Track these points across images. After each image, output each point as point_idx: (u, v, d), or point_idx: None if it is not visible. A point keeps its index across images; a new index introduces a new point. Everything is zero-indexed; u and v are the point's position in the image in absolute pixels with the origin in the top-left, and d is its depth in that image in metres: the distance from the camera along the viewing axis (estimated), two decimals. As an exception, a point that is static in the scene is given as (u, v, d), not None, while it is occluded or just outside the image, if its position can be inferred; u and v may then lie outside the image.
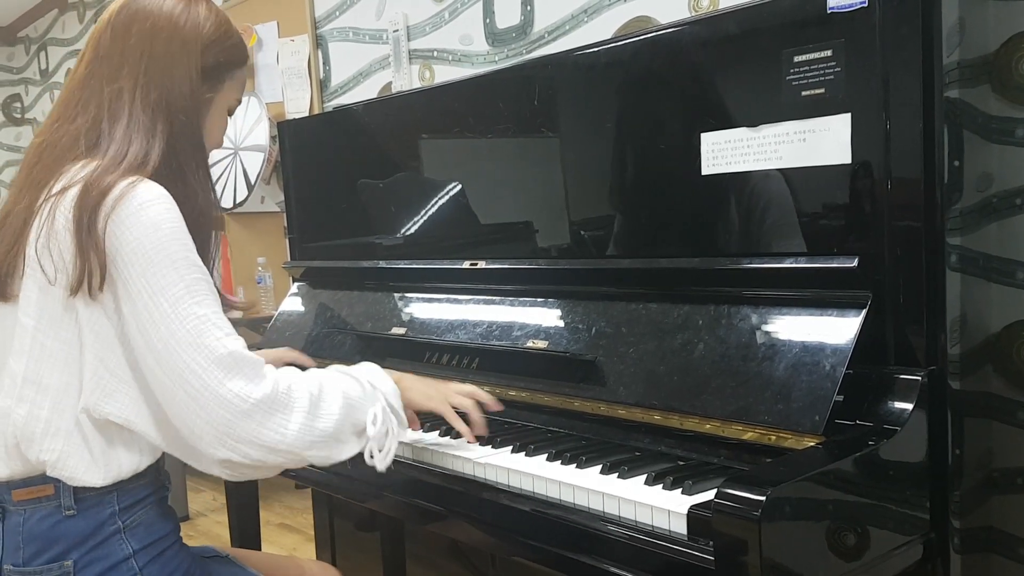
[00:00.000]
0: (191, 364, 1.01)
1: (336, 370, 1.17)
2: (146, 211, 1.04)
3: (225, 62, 1.19)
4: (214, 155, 3.36)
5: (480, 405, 1.28)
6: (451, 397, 1.26)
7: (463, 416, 1.26)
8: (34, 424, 1.07)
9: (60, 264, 1.05)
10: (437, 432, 1.36)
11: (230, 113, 1.25)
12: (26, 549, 1.09)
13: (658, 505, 1.00)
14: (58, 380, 1.07)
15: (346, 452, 1.11)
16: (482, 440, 1.29)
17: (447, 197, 1.72)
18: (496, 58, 2.43)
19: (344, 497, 1.38)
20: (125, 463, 1.10)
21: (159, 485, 1.17)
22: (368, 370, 1.19)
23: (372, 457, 1.13)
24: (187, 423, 1.03)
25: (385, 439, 1.13)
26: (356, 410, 1.11)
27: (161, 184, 1.09)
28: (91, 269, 1.02)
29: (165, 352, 1.02)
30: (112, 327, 1.06)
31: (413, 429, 1.31)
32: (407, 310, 1.71)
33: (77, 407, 1.07)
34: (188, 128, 1.15)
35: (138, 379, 1.07)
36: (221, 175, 3.33)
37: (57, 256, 1.05)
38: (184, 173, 1.14)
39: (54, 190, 1.07)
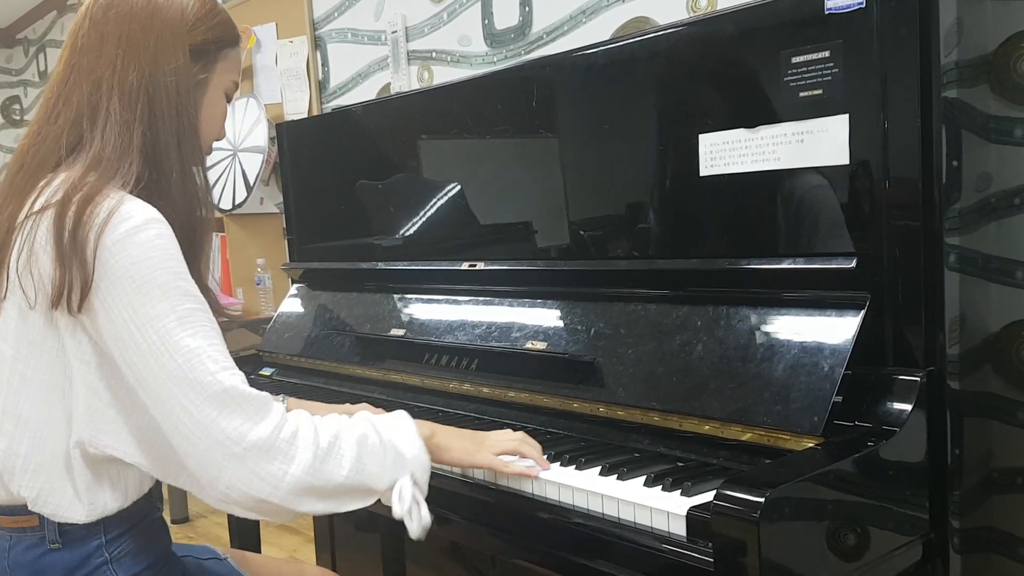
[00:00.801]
0: (183, 402, 0.94)
1: (366, 421, 1.05)
2: (136, 236, 0.97)
3: (215, 40, 1.13)
4: (212, 157, 3.37)
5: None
6: (495, 448, 1.16)
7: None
8: (13, 459, 1.03)
9: (40, 284, 0.99)
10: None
11: (228, 99, 1.19)
12: None
13: (657, 506, 1.00)
14: (38, 413, 1.02)
15: (344, 508, 1.02)
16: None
17: (446, 198, 1.72)
18: (495, 59, 2.43)
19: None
20: (111, 501, 1.05)
21: (150, 509, 1.13)
22: (398, 430, 1.06)
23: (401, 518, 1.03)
24: (187, 461, 0.98)
25: (412, 511, 1.03)
26: (367, 476, 1.01)
27: (144, 184, 1.04)
28: (71, 281, 0.96)
29: (156, 388, 0.96)
30: (95, 355, 1.01)
31: None
32: (406, 311, 1.71)
33: (63, 441, 1.02)
34: (175, 110, 1.08)
35: (124, 410, 1.02)
36: (220, 176, 3.33)
37: (37, 277, 0.99)
38: (164, 164, 1.06)
39: (35, 207, 1.02)
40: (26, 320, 1.02)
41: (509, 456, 1.17)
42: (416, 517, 1.02)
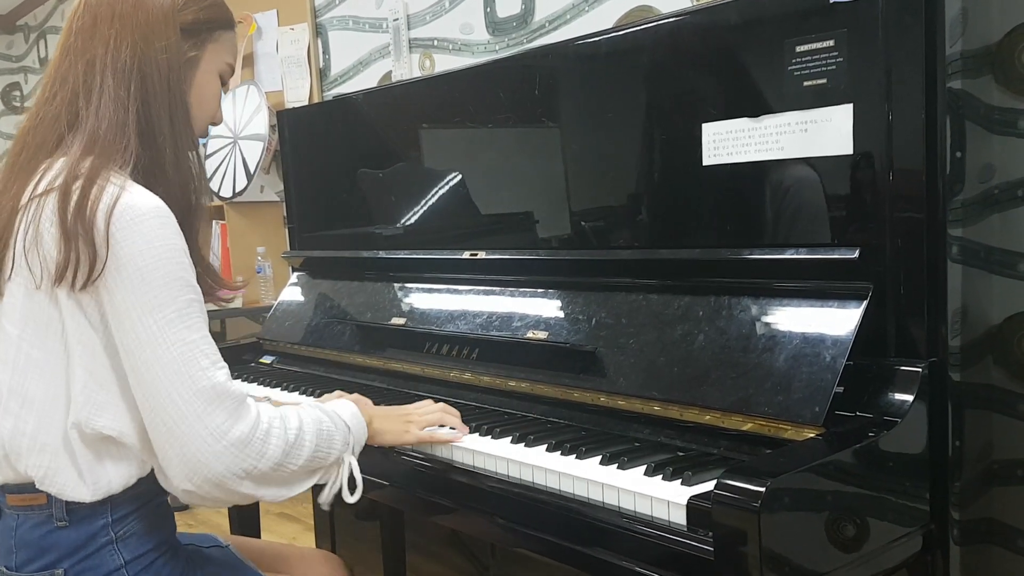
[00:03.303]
0: (172, 393, 0.98)
1: (315, 407, 1.15)
2: (140, 225, 0.99)
3: (206, 20, 1.15)
4: (213, 144, 3.36)
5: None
6: (420, 422, 1.27)
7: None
8: (20, 439, 1.04)
9: (45, 265, 1.01)
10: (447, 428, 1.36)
11: (224, 82, 1.21)
12: (19, 554, 1.08)
13: (657, 496, 1.00)
14: (44, 393, 1.04)
15: (294, 492, 1.11)
16: (482, 431, 1.29)
17: (447, 187, 1.71)
18: (496, 47, 2.42)
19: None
20: (115, 480, 1.06)
21: (156, 491, 1.13)
22: (344, 410, 1.18)
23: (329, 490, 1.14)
24: (160, 449, 1.02)
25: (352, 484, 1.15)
26: (320, 460, 1.11)
27: (142, 166, 1.06)
28: (77, 259, 0.98)
29: (148, 376, 0.99)
30: (98, 337, 1.03)
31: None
32: (407, 300, 1.71)
33: (65, 421, 1.04)
34: (167, 87, 1.10)
35: (124, 391, 1.04)
36: (220, 164, 3.33)
37: (42, 257, 1.01)
38: (157, 141, 1.09)
39: (38, 189, 1.04)
40: (32, 300, 1.04)
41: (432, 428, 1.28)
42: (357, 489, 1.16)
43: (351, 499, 1.14)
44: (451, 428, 1.28)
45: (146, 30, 1.10)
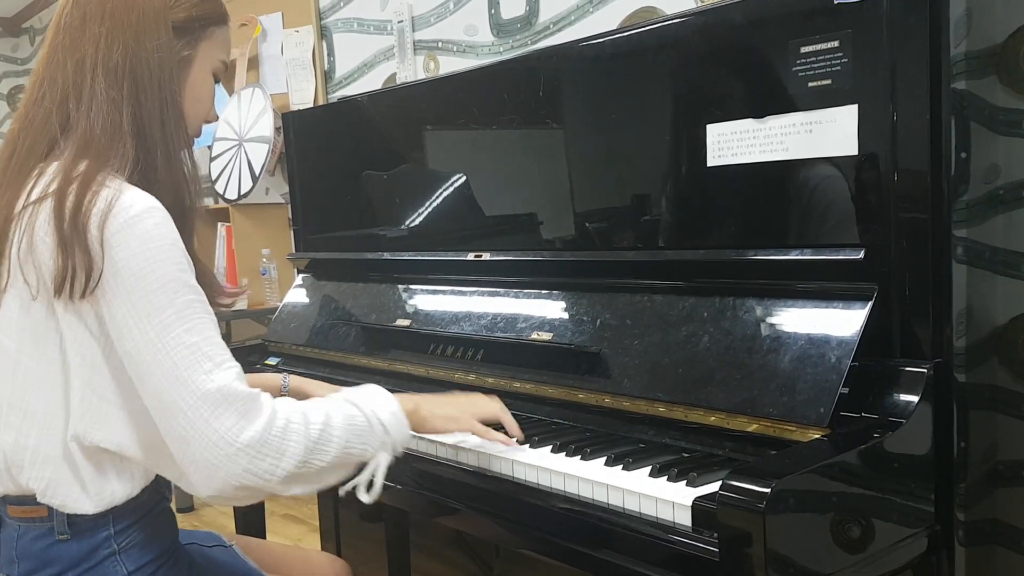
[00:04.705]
0: (177, 401, 0.94)
1: (348, 402, 1.07)
2: (135, 227, 0.96)
3: (199, 16, 1.11)
4: (219, 146, 3.37)
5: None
6: (477, 414, 1.21)
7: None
8: (22, 453, 1.03)
9: (40, 275, 0.99)
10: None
11: (217, 79, 1.17)
12: (20, 565, 1.06)
13: (662, 497, 1.00)
14: (44, 405, 1.02)
15: (327, 484, 1.05)
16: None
17: (452, 188, 1.72)
18: (501, 49, 2.42)
19: (349, 488, 1.39)
20: (118, 491, 1.05)
21: (158, 499, 1.13)
22: (381, 407, 1.08)
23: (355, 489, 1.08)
24: (177, 456, 0.98)
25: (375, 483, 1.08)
26: (353, 456, 1.04)
27: (139, 169, 1.03)
28: (74, 268, 0.95)
29: (151, 383, 0.96)
30: (98, 347, 1.00)
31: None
32: (412, 302, 1.71)
33: (65, 434, 1.02)
34: (157, 87, 1.06)
35: (126, 402, 1.01)
36: (226, 166, 3.33)
37: (38, 267, 0.99)
38: (149, 143, 1.05)
39: (32, 196, 1.01)
40: (28, 313, 1.01)
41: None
42: (374, 489, 1.07)
43: (366, 499, 1.07)
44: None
45: (137, 28, 1.05)
